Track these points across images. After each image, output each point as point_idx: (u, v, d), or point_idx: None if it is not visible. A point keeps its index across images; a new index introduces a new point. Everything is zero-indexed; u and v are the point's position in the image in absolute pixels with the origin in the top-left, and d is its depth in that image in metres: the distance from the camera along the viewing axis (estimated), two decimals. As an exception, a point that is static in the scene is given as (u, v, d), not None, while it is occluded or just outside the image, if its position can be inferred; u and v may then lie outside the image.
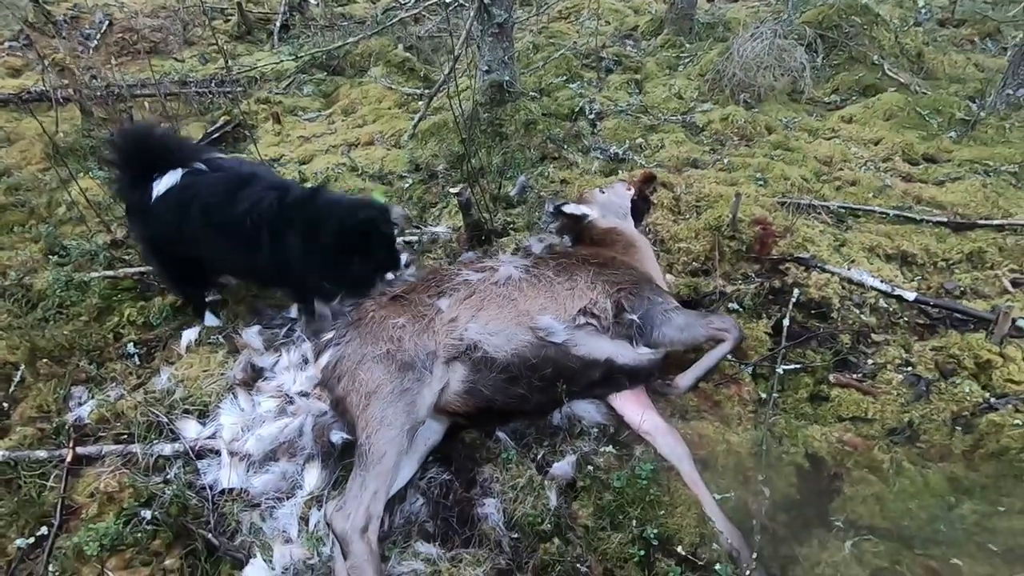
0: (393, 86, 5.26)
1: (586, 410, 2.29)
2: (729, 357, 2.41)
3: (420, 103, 5.02)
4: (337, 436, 2.15)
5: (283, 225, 2.36)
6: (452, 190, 2.99)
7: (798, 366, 2.45)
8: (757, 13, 6.28)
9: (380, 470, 1.91)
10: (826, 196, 3.35)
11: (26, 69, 6.06)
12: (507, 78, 3.96)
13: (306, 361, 2.46)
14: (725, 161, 3.70)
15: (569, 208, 2.83)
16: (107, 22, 6.69)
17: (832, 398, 2.34)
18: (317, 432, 2.17)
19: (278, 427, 2.20)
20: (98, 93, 4.84)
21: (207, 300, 2.80)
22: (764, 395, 2.36)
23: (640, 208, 3.10)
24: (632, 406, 2.27)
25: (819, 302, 2.68)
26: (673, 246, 3.03)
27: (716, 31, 5.67)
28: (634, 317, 2.27)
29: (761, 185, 3.41)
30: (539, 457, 2.17)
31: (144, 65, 6.21)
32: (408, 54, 5.76)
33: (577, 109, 4.47)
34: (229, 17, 7.36)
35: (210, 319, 2.77)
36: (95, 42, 6.37)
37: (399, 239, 2.51)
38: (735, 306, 2.69)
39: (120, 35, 6.51)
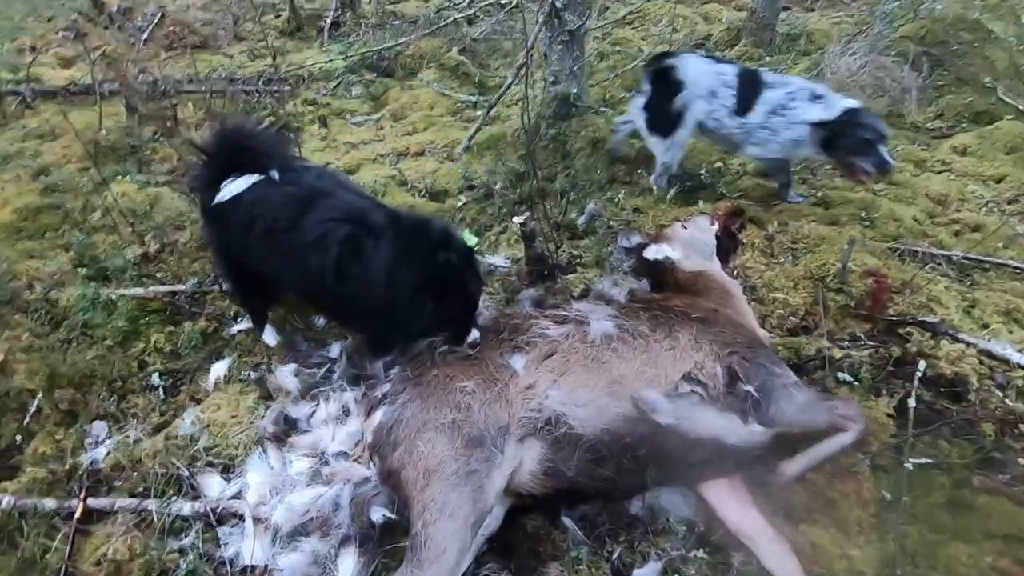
0: (446, 91, 4.96)
1: (672, 501, 1.92)
2: (845, 447, 2.00)
3: (474, 112, 4.72)
4: (378, 514, 1.83)
5: (358, 257, 2.02)
6: (516, 219, 2.65)
7: (930, 461, 2.02)
8: (840, 25, 5.76)
9: (438, 571, 1.60)
10: (945, 243, 2.89)
11: (77, 60, 5.99)
12: (575, 90, 3.60)
13: (347, 414, 2.15)
14: (820, 195, 3.26)
15: (652, 253, 2.45)
16: (159, 15, 6.59)
17: (977, 507, 1.90)
18: (356, 507, 1.85)
19: (311, 497, 1.90)
20: (144, 88, 4.67)
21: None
22: (888, 495, 1.94)
23: (726, 247, 2.70)
24: (729, 499, 1.88)
25: (952, 379, 2.23)
26: (766, 296, 2.62)
27: (798, 44, 5.18)
28: (750, 388, 1.88)
29: (867, 226, 2.97)
30: (615, 557, 1.81)
31: (191, 60, 6.08)
32: (462, 57, 5.45)
33: (646, 126, 4.07)
34: (280, 12, 7.19)
35: (268, 336, 2.52)
36: (146, 35, 6.27)
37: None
38: (846, 376, 2.27)
39: (171, 28, 6.40)
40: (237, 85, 5.23)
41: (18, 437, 2.26)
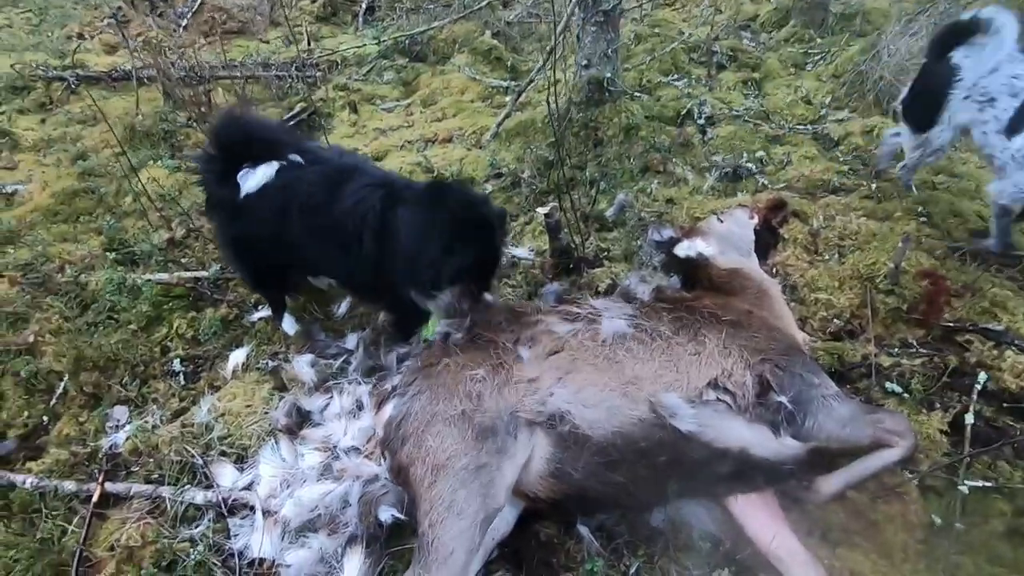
0: (477, 76, 4.84)
1: (696, 514, 1.79)
2: (892, 464, 1.83)
3: (505, 97, 4.59)
4: (386, 514, 1.77)
5: (391, 219, 2.08)
6: (541, 210, 2.53)
7: (988, 484, 1.83)
8: (900, 3, 5.35)
9: (446, 573, 1.52)
10: (1013, 242, 2.62)
11: (121, 47, 6.13)
12: (608, 74, 3.43)
13: (360, 408, 2.10)
14: (872, 187, 3.02)
15: (683, 250, 2.30)
16: (199, 1, 6.67)
17: (1041, 538, 1.72)
18: (364, 506, 1.80)
19: (320, 492, 1.85)
20: (181, 74, 4.73)
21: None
22: (939, 520, 1.76)
23: (766, 242, 2.51)
24: (759, 517, 1.74)
25: (1016, 394, 2.02)
26: (808, 296, 2.44)
27: (853, 24, 4.84)
28: (783, 399, 1.73)
29: (924, 222, 2.73)
30: (633, 572, 1.71)
31: (230, 45, 6.14)
32: (495, 41, 5.31)
33: (684, 112, 3.87)
34: (316, -3, 7.19)
35: (288, 325, 2.50)
36: (185, 21, 6.36)
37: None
38: (895, 387, 2.08)
39: (209, 15, 6.48)
40: (270, 71, 5.25)
41: (45, 418, 2.31)
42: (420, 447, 1.72)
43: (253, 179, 2.23)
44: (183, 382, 2.41)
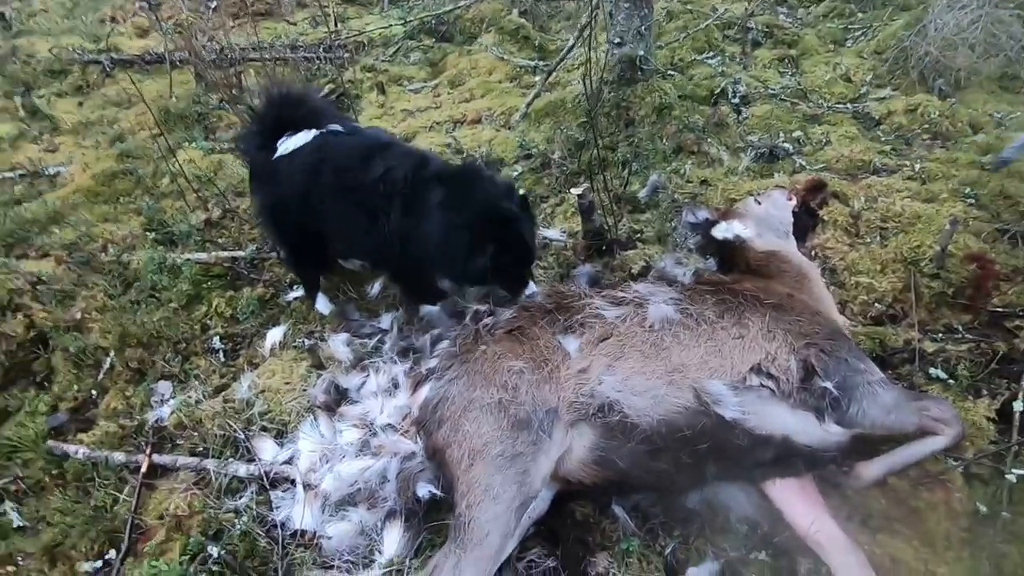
0: (505, 56, 4.78)
1: (733, 496, 1.78)
2: (937, 452, 1.79)
3: (533, 77, 4.53)
4: (424, 489, 1.80)
5: (420, 194, 2.10)
6: (574, 191, 2.51)
7: (1038, 473, 1.78)
8: (947, -25, 5.10)
9: (480, 554, 1.55)
10: (1067, 226, 2.52)
11: (152, 30, 6.20)
12: (641, 52, 3.36)
13: (395, 386, 2.12)
14: (916, 168, 2.91)
15: (720, 232, 2.26)
16: (227, -17, 6.68)
17: (1092, 529, 1.67)
18: (402, 482, 1.83)
19: (359, 468, 1.89)
20: (212, 56, 4.77)
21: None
22: (984, 508, 1.73)
23: (804, 225, 2.46)
24: (798, 501, 1.73)
25: (1068, 381, 1.95)
26: (849, 279, 2.38)
27: (896, -2, 4.64)
28: (829, 385, 1.71)
29: (972, 204, 2.63)
30: (668, 552, 1.72)
31: (258, 27, 6.16)
32: (523, 20, 5.23)
33: (718, 90, 3.78)
34: (342, -23, 7.14)
35: (322, 304, 2.54)
36: (215, 4, 6.39)
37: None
38: (939, 373, 2.03)
39: (238, -3, 6.49)
40: (298, 52, 5.26)
41: (93, 392, 2.40)
42: (457, 430, 1.74)
43: (289, 143, 2.29)
44: (223, 359, 2.47)
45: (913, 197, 2.64)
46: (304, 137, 2.29)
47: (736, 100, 3.71)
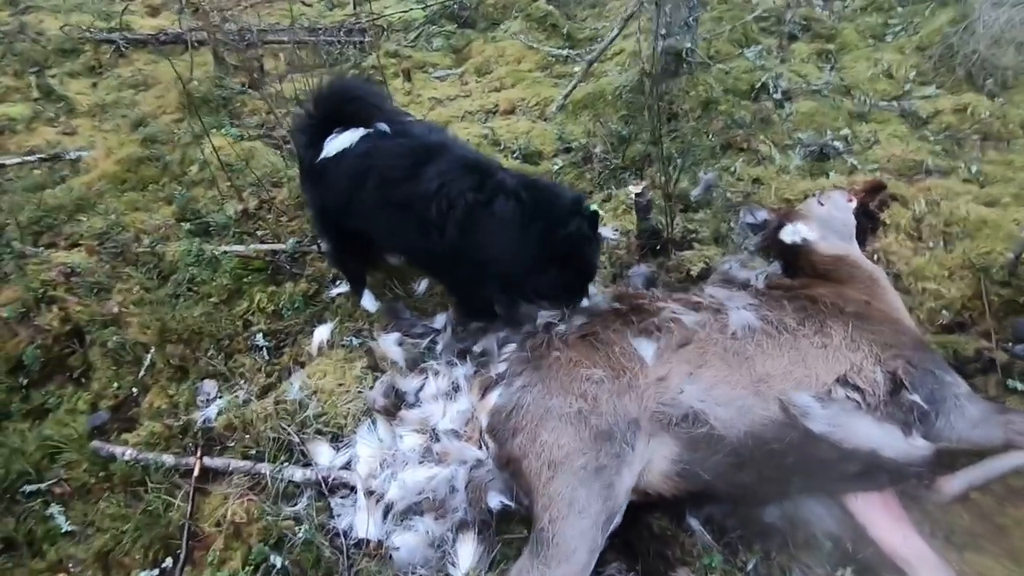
0: (534, 45, 4.66)
1: (813, 511, 1.73)
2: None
3: (564, 67, 4.42)
4: (495, 500, 1.75)
5: (480, 211, 1.96)
6: (631, 188, 2.43)
7: (1125, 490, 1.75)
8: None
9: (568, 571, 1.51)
10: None
11: (163, 9, 6.01)
12: (688, 45, 3.26)
13: (456, 389, 2.06)
14: (973, 170, 2.85)
15: (789, 235, 2.19)
16: (240, -39, 6.48)
17: None
18: (473, 492, 1.78)
19: (425, 476, 1.83)
20: (230, 38, 4.62)
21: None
22: (1071, 526, 1.69)
23: (863, 227, 2.41)
24: (883, 517, 1.69)
25: None
26: (915, 286, 2.32)
27: (935, -8, 4.54)
28: (917, 398, 1.66)
29: (1036, 209, 2.57)
30: (751, 568, 1.67)
31: (273, 9, 5.99)
32: (550, 7, 5.10)
33: (758, 85, 3.69)
34: (357, -42, 6.94)
35: (368, 301, 2.46)
36: (229, -18, 6.19)
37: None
38: (1017, 384, 1.99)
39: (252, -25, 6.29)
40: (319, 36, 5.11)
41: (134, 390, 2.31)
42: (534, 441, 1.68)
43: (335, 143, 2.18)
44: (267, 357, 2.39)
45: (975, 201, 2.58)
46: (350, 138, 2.15)
47: (778, 95, 3.62)
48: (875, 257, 2.44)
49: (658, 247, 2.54)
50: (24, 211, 2.94)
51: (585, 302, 2.04)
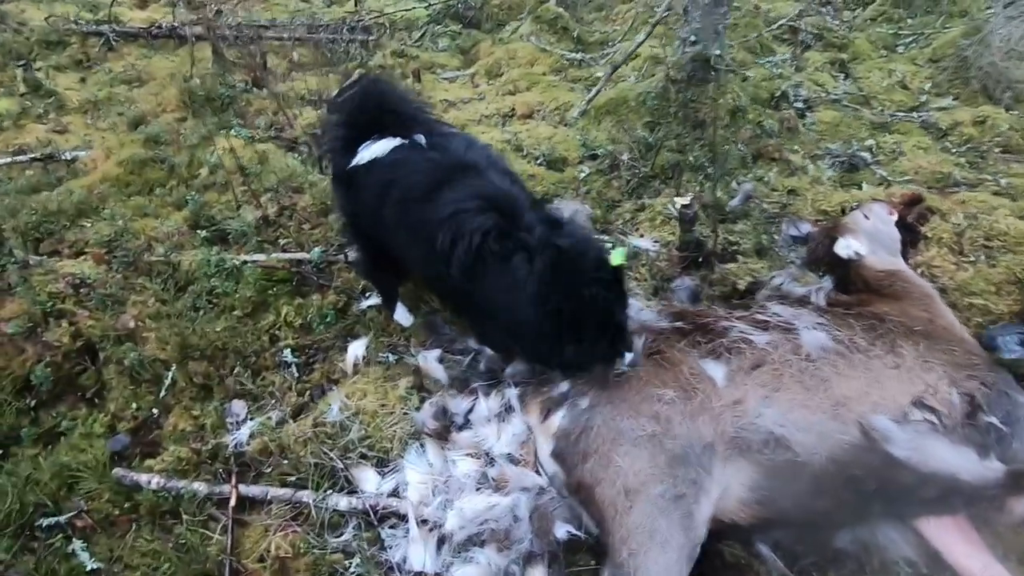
0: (547, 47, 4.58)
1: (889, 537, 1.69)
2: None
3: (579, 71, 4.36)
4: (562, 530, 1.67)
5: (489, 260, 1.75)
6: (679, 200, 2.37)
7: None
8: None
9: (652, 610, 1.42)
10: None
11: (152, 0, 5.76)
12: (717, 52, 3.22)
13: (509, 410, 1.96)
14: (1003, 183, 2.87)
15: (842, 249, 2.16)
16: (233, -47, 6.25)
17: None
18: (539, 522, 1.69)
19: (484, 504, 1.73)
20: (229, 32, 4.42)
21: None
22: None
23: (904, 240, 2.39)
24: (960, 542, 1.65)
25: None
26: (961, 300, 2.31)
27: (942, 4, 4.61)
28: (994, 420, 1.63)
29: (1068, 223, 2.59)
30: (828, 596, 1.62)
31: (269, 3, 5.80)
32: (560, 9, 5.02)
33: (778, 94, 3.67)
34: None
35: (402, 315, 2.33)
36: (222, -26, 5.96)
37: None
38: (1073, 402, 1.97)
39: (247, -32, 6.07)
40: (319, 32, 4.95)
41: (154, 410, 2.15)
42: (607, 467, 1.60)
43: (367, 152, 2.05)
44: (296, 374, 2.26)
45: (1012, 215, 2.59)
46: (384, 147, 1.99)
47: (799, 105, 3.62)
48: (919, 271, 2.42)
49: (700, 259, 2.48)
50: (21, 215, 2.74)
51: (623, 366, 1.75)
